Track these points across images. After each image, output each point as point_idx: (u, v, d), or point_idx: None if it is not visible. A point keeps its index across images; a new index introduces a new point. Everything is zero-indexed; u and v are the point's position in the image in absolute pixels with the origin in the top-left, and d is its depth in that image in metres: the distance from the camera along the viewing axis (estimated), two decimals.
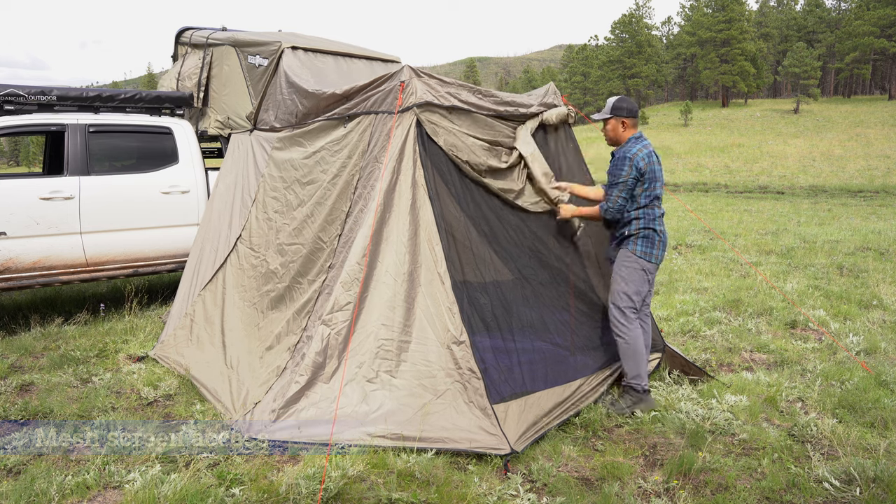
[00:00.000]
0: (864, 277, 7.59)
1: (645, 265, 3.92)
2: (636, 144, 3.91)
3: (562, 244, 4.35)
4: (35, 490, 3.01)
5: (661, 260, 4.01)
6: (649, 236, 3.91)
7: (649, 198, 3.88)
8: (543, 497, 3.05)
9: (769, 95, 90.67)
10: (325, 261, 4.09)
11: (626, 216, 3.92)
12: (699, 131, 54.37)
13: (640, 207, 3.89)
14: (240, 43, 5.77)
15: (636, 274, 3.92)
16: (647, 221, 3.89)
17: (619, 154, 3.94)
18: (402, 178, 3.72)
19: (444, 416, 3.42)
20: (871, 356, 4.93)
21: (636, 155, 3.84)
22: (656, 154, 3.96)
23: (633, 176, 3.83)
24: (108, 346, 5.27)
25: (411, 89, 3.77)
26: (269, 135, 5.08)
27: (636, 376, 3.93)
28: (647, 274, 3.94)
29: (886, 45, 68.18)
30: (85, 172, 5.65)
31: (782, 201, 19.66)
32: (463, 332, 3.52)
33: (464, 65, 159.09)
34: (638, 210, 3.89)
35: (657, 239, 3.93)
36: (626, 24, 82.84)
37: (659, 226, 3.94)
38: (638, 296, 3.94)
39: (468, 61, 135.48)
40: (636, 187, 3.86)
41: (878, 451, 3.40)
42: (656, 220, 3.92)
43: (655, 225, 3.91)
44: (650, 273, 3.97)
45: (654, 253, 3.93)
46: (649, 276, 3.97)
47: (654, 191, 3.89)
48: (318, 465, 3.18)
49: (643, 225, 3.90)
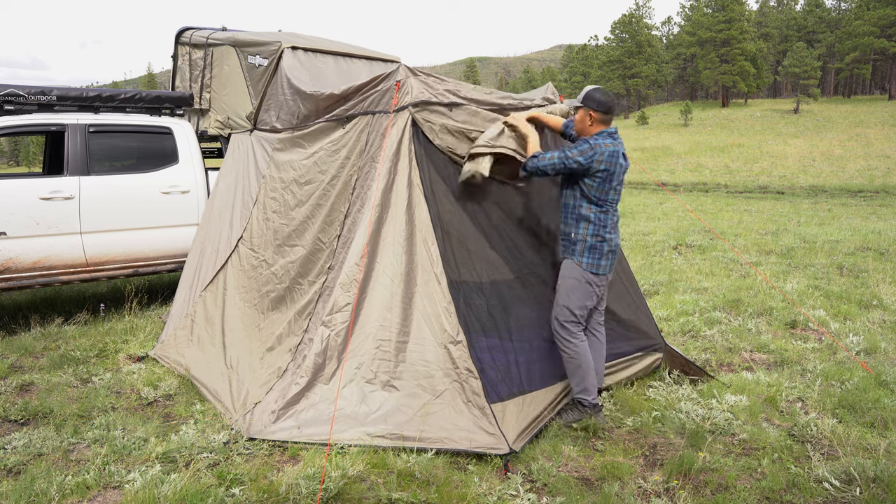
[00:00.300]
0: (864, 277, 7.59)
1: (591, 278, 3.69)
2: (607, 139, 3.62)
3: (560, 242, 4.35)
4: (35, 490, 3.01)
5: (611, 269, 3.78)
6: (597, 246, 3.66)
7: (602, 199, 3.62)
8: (543, 497, 3.05)
9: (769, 95, 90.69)
10: (324, 262, 4.09)
11: (576, 213, 3.67)
12: (699, 131, 54.38)
13: (593, 204, 3.63)
14: (240, 43, 5.77)
15: (581, 288, 3.69)
16: (598, 228, 3.65)
17: (585, 139, 3.66)
18: (399, 178, 3.72)
19: (443, 416, 3.42)
20: (871, 356, 4.93)
21: (600, 146, 3.55)
22: (624, 157, 3.68)
23: (583, 163, 3.52)
24: (108, 346, 5.27)
25: (407, 88, 3.77)
26: (270, 135, 5.08)
27: (583, 390, 3.71)
28: (592, 287, 3.71)
29: (886, 45, 68.20)
30: (85, 172, 5.65)
31: (782, 201, 19.65)
32: (459, 331, 3.53)
33: (464, 65, 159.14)
34: (591, 208, 3.64)
35: (606, 248, 3.68)
36: (626, 24, 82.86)
37: (609, 233, 3.69)
38: (582, 310, 3.71)
39: (468, 61, 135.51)
40: (589, 181, 3.58)
41: (878, 451, 3.40)
42: (607, 227, 3.68)
43: (605, 232, 3.67)
44: (598, 285, 3.73)
45: (602, 264, 3.69)
46: (597, 288, 3.73)
47: (607, 193, 3.63)
48: (318, 465, 3.18)
49: (593, 231, 3.65)
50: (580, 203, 3.66)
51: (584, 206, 3.66)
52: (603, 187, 3.61)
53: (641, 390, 4.27)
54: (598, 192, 3.62)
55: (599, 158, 3.54)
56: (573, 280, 3.70)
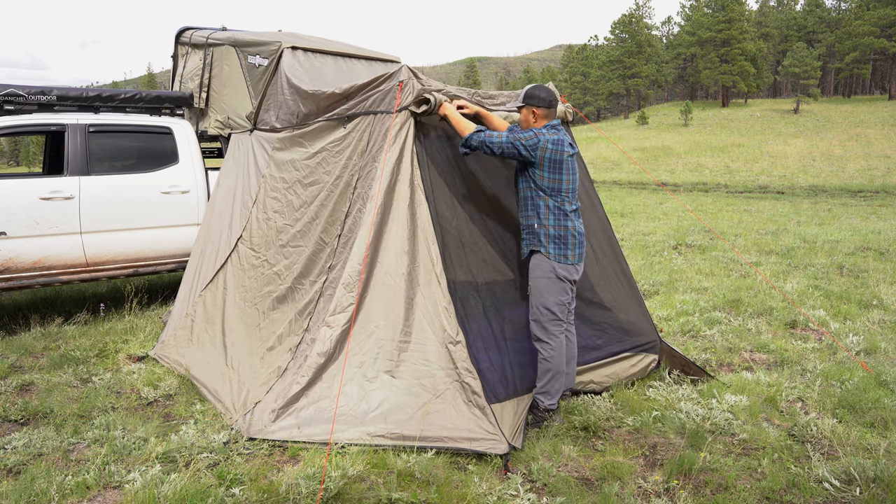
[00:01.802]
0: (864, 277, 7.59)
1: (560, 271, 3.61)
2: (550, 130, 3.64)
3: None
4: (35, 490, 3.01)
5: (581, 259, 3.70)
6: (561, 235, 3.61)
7: (555, 189, 3.59)
8: (543, 497, 3.05)
9: (769, 95, 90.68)
10: (325, 261, 4.09)
11: (534, 203, 3.64)
12: (699, 131, 54.37)
13: (548, 195, 3.60)
14: (240, 43, 5.77)
15: (553, 283, 3.61)
16: (558, 217, 3.61)
17: (530, 129, 3.67)
18: (401, 178, 3.73)
19: (444, 416, 3.42)
20: (871, 356, 4.93)
21: (543, 135, 3.57)
22: (573, 147, 3.69)
23: (529, 147, 3.52)
24: (108, 346, 5.27)
25: (409, 89, 3.77)
26: (270, 135, 5.08)
27: (544, 393, 3.67)
28: (563, 281, 3.63)
29: (886, 45, 68.19)
30: (85, 172, 5.65)
31: (782, 201, 19.65)
32: (459, 332, 3.53)
33: (464, 65, 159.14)
34: (547, 199, 3.61)
35: (570, 238, 3.62)
36: (626, 24, 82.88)
37: (571, 221, 3.63)
38: (560, 306, 3.64)
39: (468, 61, 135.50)
40: (539, 171, 3.57)
41: (878, 451, 3.40)
42: (568, 215, 3.62)
43: (568, 221, 3.62)
44: (568, 279, 3.65)
45: (570, 253, 3.62)
46: (568, 282, 3.66)
47: (560, 182, 3.60)
48: (318, 464, 3.18)
49: (553, 221, 3.61)
50: (536, 193, 3.65)
51: (539, 195, 3.64)
52: (554, 177, 3.61)
53: (641, 390, 4.27)
54: (550, 181, 3.61)
55: (544, 146, 3.56)
56: (543, 278, 3.64)
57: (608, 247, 4.56)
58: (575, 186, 3.70)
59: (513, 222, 4.12)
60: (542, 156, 3.56)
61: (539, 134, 3.58)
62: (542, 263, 3.64)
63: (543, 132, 3.61)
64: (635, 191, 24.28)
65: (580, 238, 3.69)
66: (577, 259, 3.68)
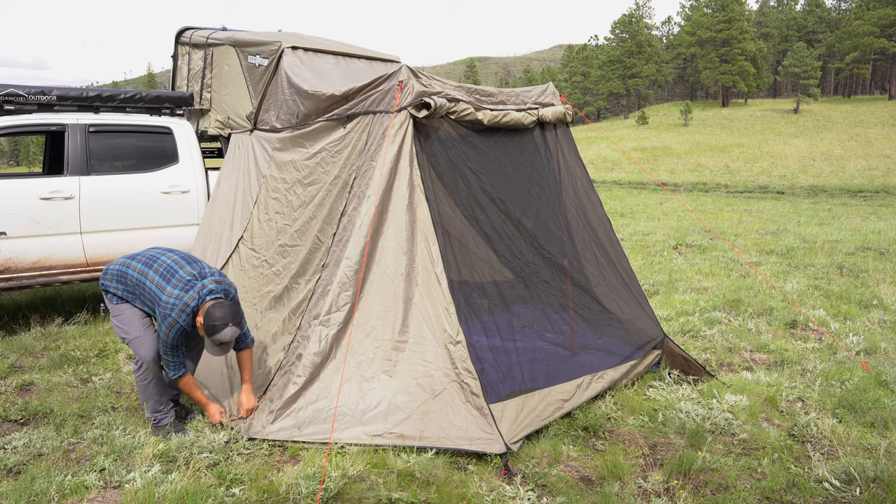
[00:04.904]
0: (864, 277, 7.59)
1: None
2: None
3: (560, 243, 4.35)
4: (35, 490, 3.01)
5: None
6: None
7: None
8: (543, 497, 3.05)
9: (769, 95, 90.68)
10: (319, 260, 4.09)
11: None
12: (699, 131, 54.37)
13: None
14: (240, 43, 5.77)
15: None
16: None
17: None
18: (400, 178, 3.72)
19: (442, 416, 3.42)
20: (871, 356, 4.93)
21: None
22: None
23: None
24: (108, 346, 5.27)
25: (409, 89, 3.77)
26: (270, 135, 5.08)
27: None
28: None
29: (886, 45, 68.14)
30: (85, 172, 5.65)
31: (782, 201, 19.65)
32: (459, 332, 3.53)
33: (464, 65, 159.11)
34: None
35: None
36: (626, 24, 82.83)
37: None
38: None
39: (468, 61, 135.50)
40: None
41: (878, 451, 3.40)
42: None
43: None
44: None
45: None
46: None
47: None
48: (318, 464, 3.19)
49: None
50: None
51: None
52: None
53: (641, 390, 4.27)
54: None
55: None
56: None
57: (609, 247, 4.56)
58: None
59: (516, 221, 4.12)
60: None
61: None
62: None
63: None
64: (635, 191, 24.28)
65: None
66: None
